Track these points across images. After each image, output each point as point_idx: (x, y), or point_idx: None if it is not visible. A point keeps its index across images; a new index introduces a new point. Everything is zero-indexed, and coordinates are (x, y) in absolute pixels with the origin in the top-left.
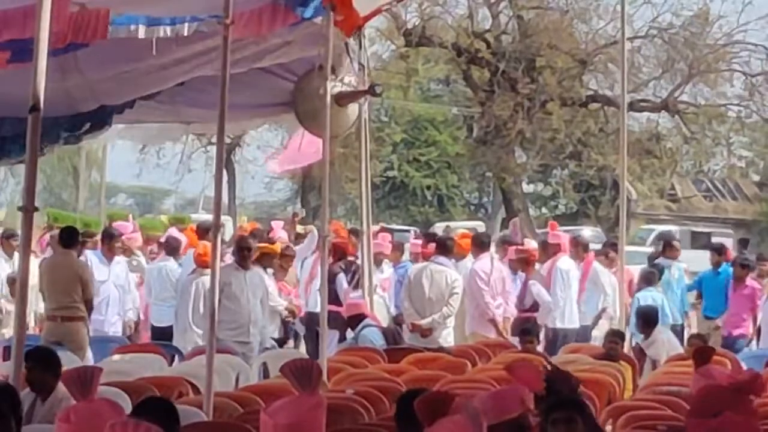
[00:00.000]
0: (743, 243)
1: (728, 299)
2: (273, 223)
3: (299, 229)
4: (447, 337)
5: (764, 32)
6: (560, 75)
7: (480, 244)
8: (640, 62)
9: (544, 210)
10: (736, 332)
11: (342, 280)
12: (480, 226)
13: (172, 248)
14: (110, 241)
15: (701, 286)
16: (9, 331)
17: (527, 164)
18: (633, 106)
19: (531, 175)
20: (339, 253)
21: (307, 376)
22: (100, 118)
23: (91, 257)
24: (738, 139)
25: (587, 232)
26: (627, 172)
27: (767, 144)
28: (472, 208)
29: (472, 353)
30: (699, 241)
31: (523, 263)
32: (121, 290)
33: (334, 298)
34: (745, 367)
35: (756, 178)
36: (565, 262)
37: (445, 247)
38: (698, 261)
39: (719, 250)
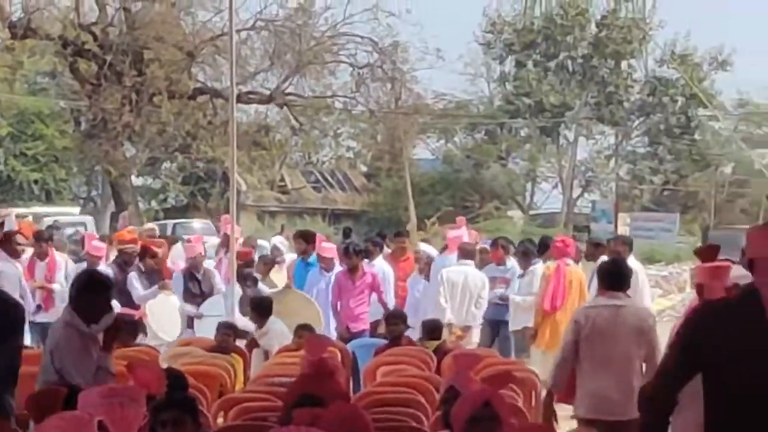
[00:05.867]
0: (346, 232)
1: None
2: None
3: None
4: None
5: (369, 25)
6: (168, 67)
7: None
8: (247, 54)
9: (153, 203)
10: (355, 327)
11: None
12: (89, 220)
13: None
14: None
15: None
16: None
17: (136, 157)
18: (241, 98)
19: (140, 169)
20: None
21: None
22: None
23: None
24: (345, 130)
25: (197, 224)
26: (236, 164)
27: (373, 135)
28: (81, 201)
29: None
30: None
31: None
32: None
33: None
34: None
35: (363, 169)
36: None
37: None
38: None
39: (305, 237)
